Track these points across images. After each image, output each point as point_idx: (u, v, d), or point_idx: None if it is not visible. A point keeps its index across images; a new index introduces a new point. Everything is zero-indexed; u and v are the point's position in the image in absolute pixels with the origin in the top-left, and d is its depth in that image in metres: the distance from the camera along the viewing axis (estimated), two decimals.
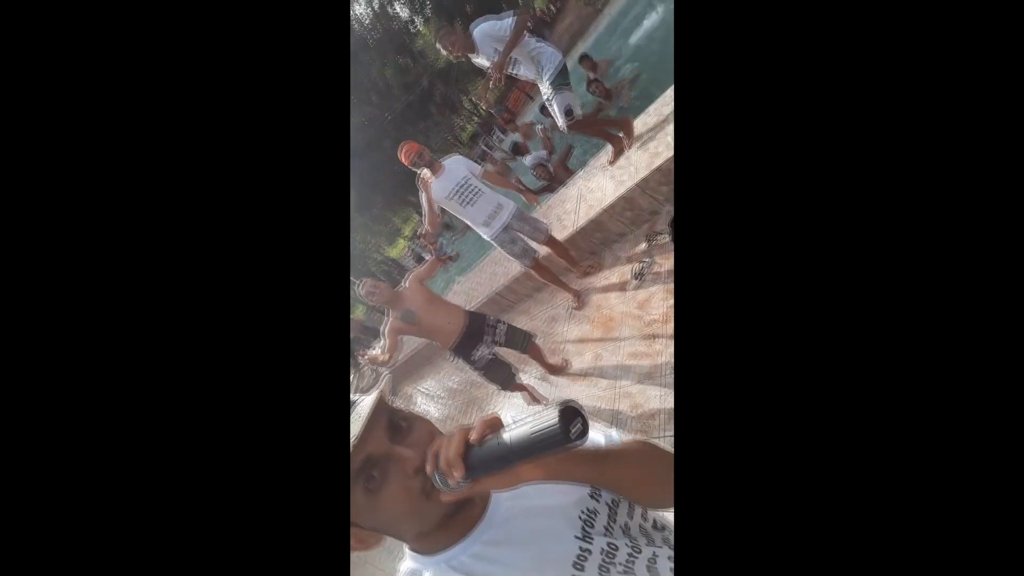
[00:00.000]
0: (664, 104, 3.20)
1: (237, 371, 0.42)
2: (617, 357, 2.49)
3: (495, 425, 0.44)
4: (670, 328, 2.30)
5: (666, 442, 1.89)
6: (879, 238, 0.36)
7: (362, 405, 0.48)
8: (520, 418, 0.41)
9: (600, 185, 3.27)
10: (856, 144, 0.37)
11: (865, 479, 0.34)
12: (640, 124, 3.27)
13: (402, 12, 18.07)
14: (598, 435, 0.59)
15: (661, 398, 2.08)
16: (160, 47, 0.42)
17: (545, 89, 3.04)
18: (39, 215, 0.39)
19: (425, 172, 2.81)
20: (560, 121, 3.06)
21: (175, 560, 0.38)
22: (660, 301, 2.47)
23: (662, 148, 2.76)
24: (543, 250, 3.18)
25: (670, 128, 2.85)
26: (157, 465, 0.39)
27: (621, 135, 3.29)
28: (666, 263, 2.61)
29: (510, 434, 0.41)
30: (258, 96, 0.44)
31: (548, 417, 0.38)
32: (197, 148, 0.42)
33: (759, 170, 0.39)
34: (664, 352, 2.24)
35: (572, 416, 0.38)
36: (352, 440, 0.44)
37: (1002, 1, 0.34)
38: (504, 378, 2.62)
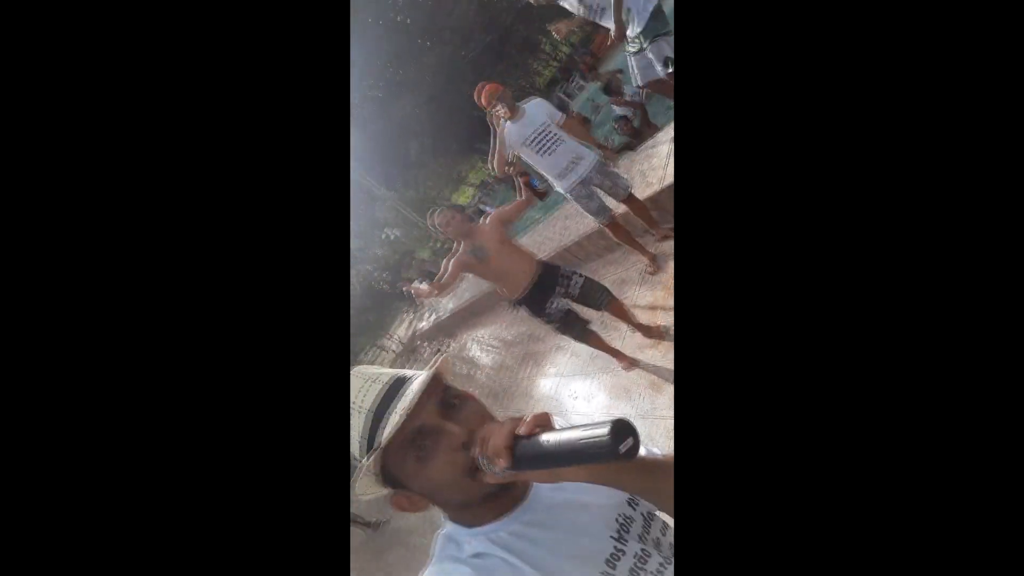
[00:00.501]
0: None
1: (234, 361, 0.41)
2: None
3: (545, 422, 0.44)
4: None
5: None
6: (879, 241, 0.36)
7: (417, 380, 0.50)
8: (572, 425, 0.42)
9: None
10: (857, 145, 0.36)
11: (866, 487, 0.34)
12: None
13: None
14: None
15: None
16: (150, 37, 0.41)
17: (634, 39, 2.56)
18: (37, 211, 0.39)
19: (501, 111, 2.65)
20: (659, 69, 2.60)
21: (174, 560, 0.39)
22: None
23: None
24: (621, 208, 2.99)
25: None
26: (157, 459, 0.39)
27: None
28: None
29: (559, 437, 0.41)
30: (255, 78, 0.43)
31: (599, 429, 0.39)
32: (196, 133, 0.42)
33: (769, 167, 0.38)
34: None
35: (625, 432, 0.39)
36: (405, 410, 0.47)
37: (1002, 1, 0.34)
38: (579, 332, 2.45)
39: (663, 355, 2.46)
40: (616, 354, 2.59)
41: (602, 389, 2.77)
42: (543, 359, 3.76)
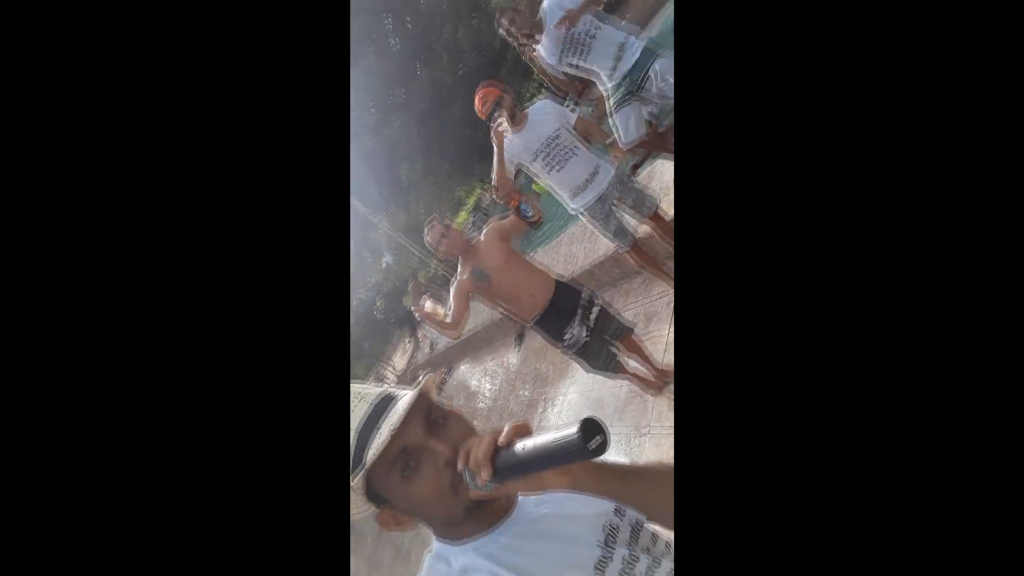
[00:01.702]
0: None
1: (235, 365, 0.42)
2: None
3: (524, 431, 0.45)
4: None
5: None
6: (886, 261, 0.36)
7: (403, 399, 0.50)
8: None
9: None
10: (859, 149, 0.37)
11: (867, 496, 0.35)
12: None
13: None
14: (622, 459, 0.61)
15: None
16: (156, 39, 0.41)
17: (611, 95, 2.22)
18: (38, 218, 0.39)
19: (501, 121, 2.15)
20: (638, 129, 2.27)
21: (173, 561, 0.39)
22: None
23: None
24: (642, 229, 2.50)
25: None
26: (158, 459, 0.40)
27: None
28: None
29: (535, 442, 0.42)
30: (257, 85, 0.44)
31: (570, 429, 0.40)
32: (197, 136, 0.42)
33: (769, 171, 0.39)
34: None
35: (594, 430, 0.40)
36: (390, 429, 0.47)
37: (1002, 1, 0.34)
38: (606, 362, 2.07)
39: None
40: (644, 381, 2.26)
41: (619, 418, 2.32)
42: (550, 389, 3.22)
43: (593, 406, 2.63)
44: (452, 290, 2.02)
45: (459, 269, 2.03)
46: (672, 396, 2.19)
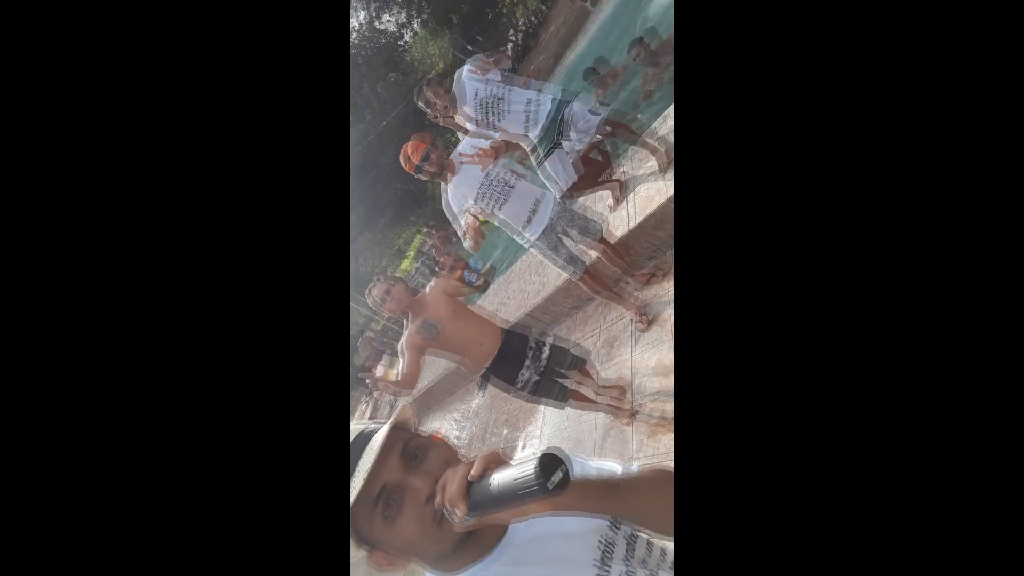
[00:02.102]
0: None
1: (236, 378, 0.42)
2: None
3: (495, 461, 0.44)
4: None
5: None
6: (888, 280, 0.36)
7: (377, 435, 0.49)
8: (513, 460, 0.42)
9: (657, 168, 2.60)
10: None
11: (868, 505, 0.35)
12: None
13: (390, 26, 17.74)
14: (615, 465, 0.61)
15: None
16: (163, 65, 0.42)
17: (535, 149, 2.45)
18: (40, 226, 0.39)
19: (432, 171, 2.11)
20: (559, 187, 2.49)
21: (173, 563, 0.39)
22: None
23: None
24: (591, 254, 2.51)
25: None
26: (162, 463, 0.40)
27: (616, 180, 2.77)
28: None
29: (498, 479, 0.41)
30: (258, 105, 0.44)
31: (527, 467, 0.39)
32: (198, 156, 0.43)
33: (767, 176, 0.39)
34: None
35: (552, 465, 0.39)
36: (365, 470, 0.46)
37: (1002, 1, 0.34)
38: (557, 393, 2.10)
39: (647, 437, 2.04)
40: (609, 409, 2.26)
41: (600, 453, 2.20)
42: (524, 430, 3.09)
43: (572, 445, 2.53)
44: (401, 346, 2.02)
45: (406, 324, 2.02)
46: (650, 422, 2.14)
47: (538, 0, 14.69)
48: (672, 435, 1.96)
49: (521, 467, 0.39)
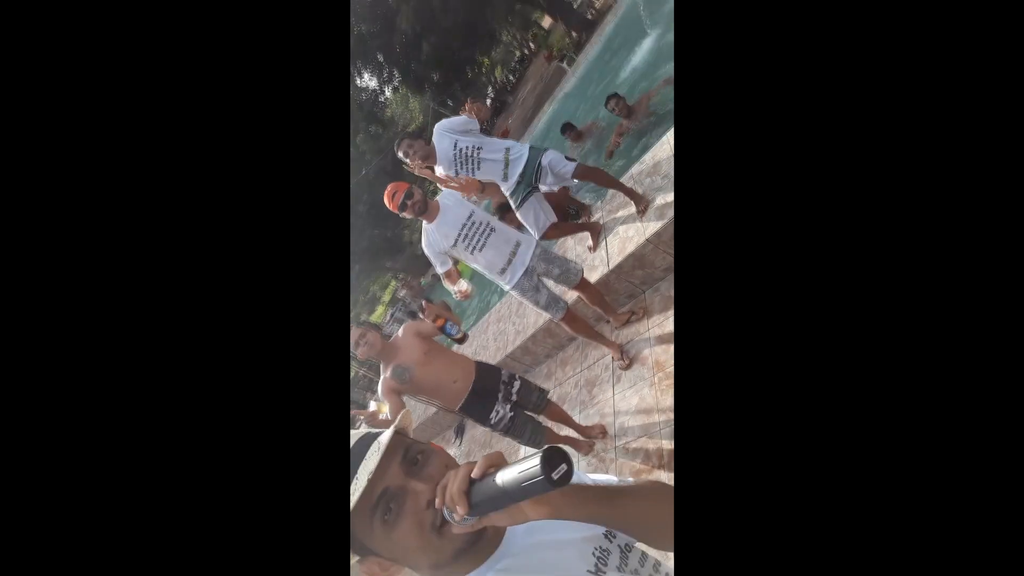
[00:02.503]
0: None
1: (236, 379, 0.42)
2: None
3: (498, 461, 0.44)
4: None
5: None
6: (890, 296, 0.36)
7: (380, 439, 0.49)
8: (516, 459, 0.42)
9: (633, 211, 2.70)
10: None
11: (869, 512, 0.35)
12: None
13: (370, 83, 18.42)
14: (611, 477, 0.63)
15: None
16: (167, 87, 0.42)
17: (513, 194, 2.61)
18: (38, 226, 0.39)
19: (413, 212, 2.16)
20: (538, 229, 2.66)
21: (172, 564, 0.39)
22: None
23: None
24: (571, 295, 2.54)
25: None
26: (162, 462, 0.40)
27: (595, 222, 2.94)
28: None
29: (502, 475, 0.42)
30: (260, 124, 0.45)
31: (531, 461, 0.40)
32: (197, 174, 0.43)
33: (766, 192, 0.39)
34: None
35: (557, 460, 0.40)
36: (368, 474, 0.46)
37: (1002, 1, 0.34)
38: (532, 432, 2.12)
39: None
40: (574, 443, 2.35)
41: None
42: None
43: None
44: (379, 391, 2.08)
45: (381, 369, 2.07)
46: (621, 450, 2.10)
47: (516, 60, 15.56)
48: (654, 474, 1.93)
49: (525, 462, 0.40)
